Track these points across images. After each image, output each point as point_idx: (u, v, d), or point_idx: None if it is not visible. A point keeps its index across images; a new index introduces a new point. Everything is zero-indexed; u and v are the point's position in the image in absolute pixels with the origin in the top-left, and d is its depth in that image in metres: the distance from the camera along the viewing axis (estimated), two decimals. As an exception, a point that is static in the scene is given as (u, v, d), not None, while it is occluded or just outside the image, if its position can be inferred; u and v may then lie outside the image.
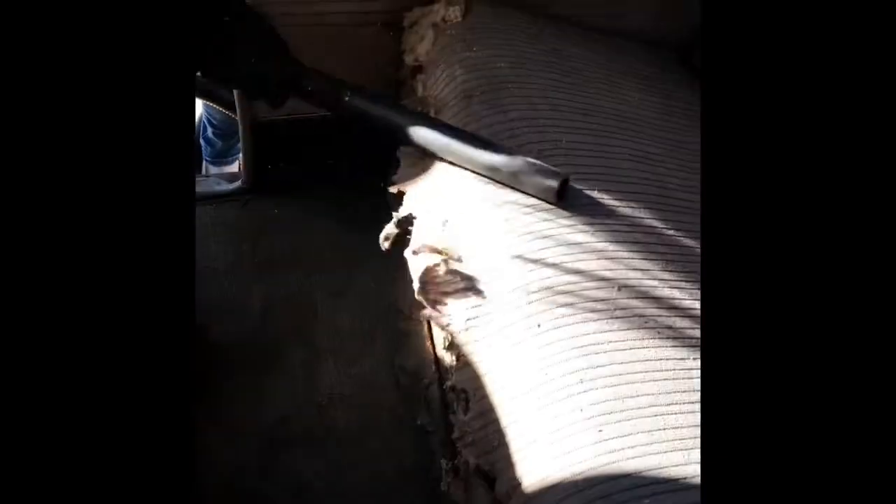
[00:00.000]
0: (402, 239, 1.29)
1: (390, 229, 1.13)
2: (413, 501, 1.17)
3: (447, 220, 1.15)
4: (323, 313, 1.35)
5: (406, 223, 1.18)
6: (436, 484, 1.17)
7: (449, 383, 1.17)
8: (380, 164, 1.40)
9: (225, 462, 1.18)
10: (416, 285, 0.97)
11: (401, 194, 1.31)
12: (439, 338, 1.24)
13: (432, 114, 1.19)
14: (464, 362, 0.91)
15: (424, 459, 1.20)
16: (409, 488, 1.18)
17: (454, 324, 0.94)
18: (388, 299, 1.37)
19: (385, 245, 1.15)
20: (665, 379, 0.85)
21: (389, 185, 1.33)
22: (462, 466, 1.08)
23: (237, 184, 1.46)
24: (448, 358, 1.16)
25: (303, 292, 1.37)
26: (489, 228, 0.99)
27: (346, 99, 1.13)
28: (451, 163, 1.08)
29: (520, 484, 0.78)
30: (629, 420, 0.81)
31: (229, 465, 1.17)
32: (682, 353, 0.89)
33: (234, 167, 1.91)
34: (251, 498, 1.15)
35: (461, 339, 0.93)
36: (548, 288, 0.92)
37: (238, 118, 1.37)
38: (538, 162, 1.02)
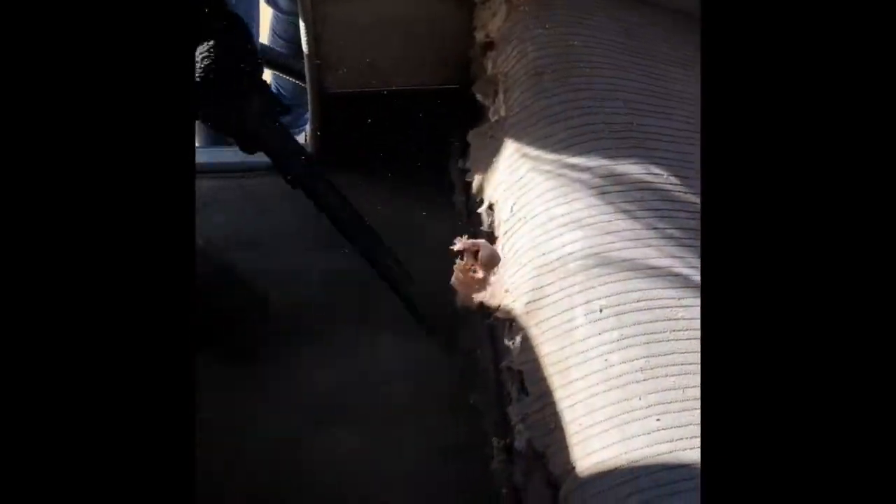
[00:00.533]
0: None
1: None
2: (463, 480, 1.17)
3: (513, 206, 1.14)
4: (381, 287, 1.35)
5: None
6: (487, 463, 1.17)
7: (505, 364, 1.16)
8: (446, 143, 1.40)
9: (273, 431, 1.20)
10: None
11: (467, 175, 1.31)
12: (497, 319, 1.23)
13: (500, 91, 1.18)
14: (523, 344, 0.90)
15: (476, 439, 1.20)
16: (459, 467, 1.18)
17: (516, 306, 0.93)
18: (446, 277, 1.37)
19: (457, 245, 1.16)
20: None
21: (458, 166, 1.32)
22: (516, 447, 1.07)
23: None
24: (506, 339, 1.16)
25: (363, 265, 1.37)
26: (553, 216, 0.98)
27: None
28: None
29: (574, 468, 0.77)
30: (688, 410, 0.79)
31: (278, 434, 1.19)
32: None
33: (300, 138, 1.93)
34: (297, 469, 1.17)
35: (522, 321, 0.92)
36: (610, 274, 0.90)
37: (307, 88, 1.38)
38: None
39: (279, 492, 1.14)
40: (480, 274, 1.13)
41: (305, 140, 1.52)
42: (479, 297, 1.15)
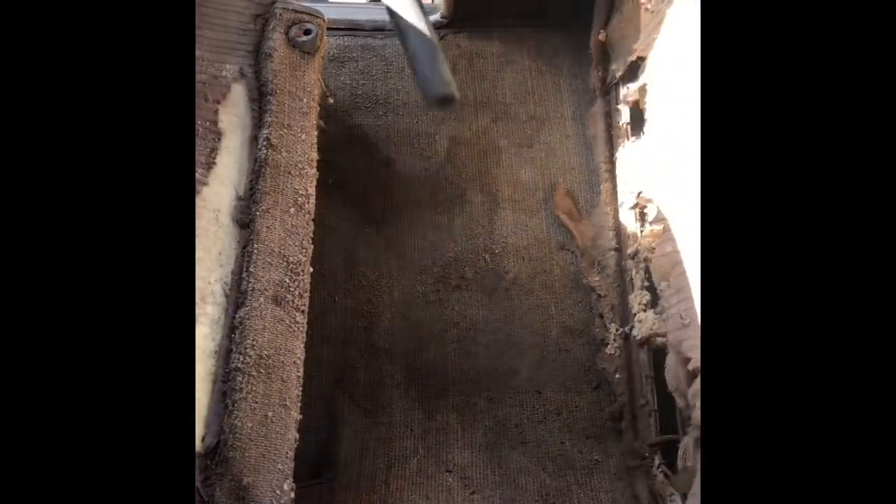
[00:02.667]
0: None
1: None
2: (574, 357, 1.20)
3: (645, 84, 1.09)
4: (506, 162, 1.34)
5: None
6: (599, 345, 1.20)
7: (630, 251, 1.16)
8: (590, 9, 1.32)
9: (400, 288, 1.24)
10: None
11: (603, 44, 1.25)
12: (623, 207, 1.22)
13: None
14: (665, 238, 0.88)
15: (590, 319, 1.22)
16: (571, 343, 1.21)
17: (659, 200, 0.91)
18: (574, 158, 1.34)
19: None
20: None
21: (598, 34, 1.26)
22: (634, 335, 1.09)
23: (436, 16, 1.42)
24: (634, 226, 1.14)
25: (489, 138, 1.36)
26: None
27: None
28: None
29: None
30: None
31: (403, 291, 1.24)
32: None
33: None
34: (417, 325, 1.22)
35: (664, 212, 0.90)
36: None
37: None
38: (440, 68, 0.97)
39: (416, 340, 1.21)
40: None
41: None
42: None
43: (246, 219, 0.95)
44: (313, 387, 1.16)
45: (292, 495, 0.86)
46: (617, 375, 1.15)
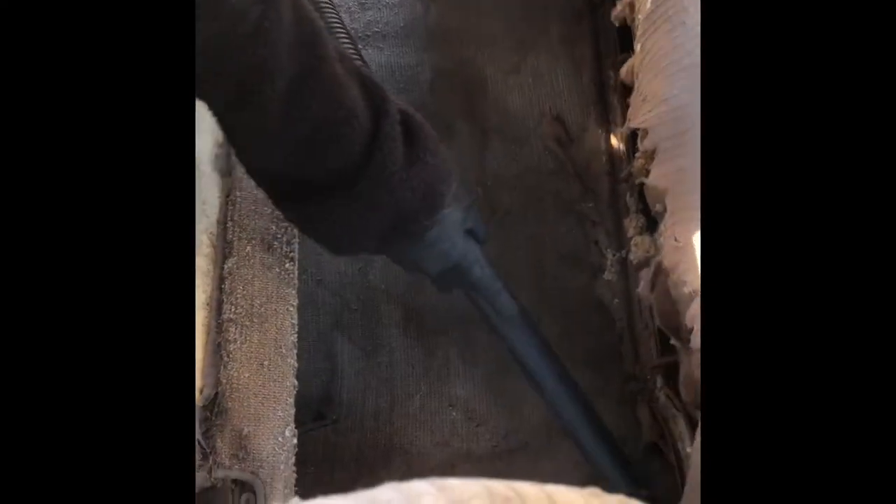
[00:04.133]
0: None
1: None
2: (571, 286, 1.19)
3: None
4: (493, 90, 1.30)
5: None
6: (596, 271, 1.19)
7: (623, 174, 1.13)
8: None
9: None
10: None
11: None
12: (615, 130, 1.19)
13: None
14: (658, 160, 0.86)
15: (585, 247, 1.21)
16: (567, 272, 1.20)
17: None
18: (562, 81, 1.30)
19: None
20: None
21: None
22: (631, 259, 1.07)
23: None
24: (627, 149, 1.12)
25: (474, 66, 1.32)
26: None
27: None
28: None
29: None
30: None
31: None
32: None
33: None
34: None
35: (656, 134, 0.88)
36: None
37: None
38: None
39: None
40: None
41: None
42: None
43: (227, 167, 0.93)
44: (311, 332, 1.16)
45: (294, 441, 0.87)
46: (615, 301, 1.14)
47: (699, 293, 0.76)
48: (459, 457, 1.06)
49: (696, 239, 0.77)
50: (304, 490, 1.04)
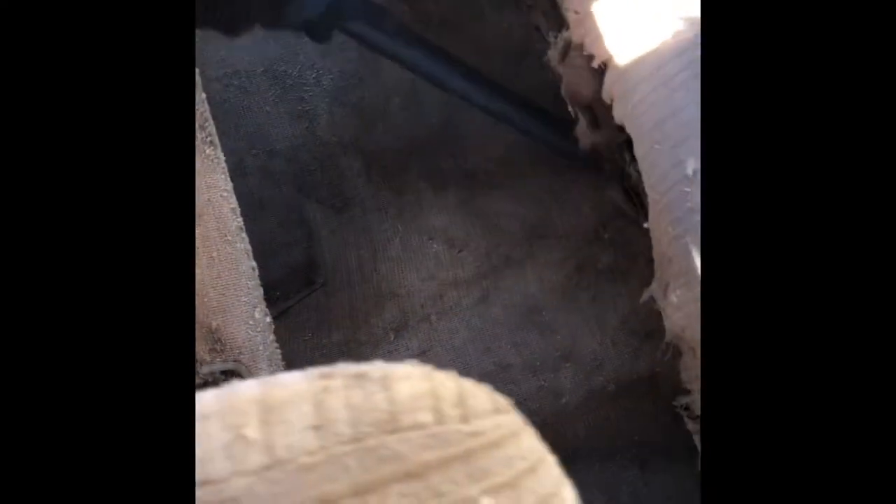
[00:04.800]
0: None
1: None
2: (526, 81, 1.12)
3: None
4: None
5: None
6: (541, 57, 1.10)
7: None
8: None
9: (327, 75, 1.16)
10: None
11: None
12: None
13: None
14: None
15: (528, 37, 1.12)
16: (518, 67, 1.12)
17: None
18: None
19: None
20: None
21: None
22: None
23: None
24: None
25: None
26: None
27: None
28: None
29: (613, 56, 0.69)
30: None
31: (332, 77, 1.16)
32: None
33: None
34: (357, 106, 1.15)
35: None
36: None
37: None
38: None
39: (361, 121, 1.15)
40: None
41: None
42: None
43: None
44: (278, 204, 1.14)
45: (268, 320, 0.87)
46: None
47: (609, 66, 0.69)
48: (447, 286, 1.06)
49: (596, 8, 0.68)
50: (305, 358, 1.08)
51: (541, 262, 1.04)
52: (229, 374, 0.88)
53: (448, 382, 0.29)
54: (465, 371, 1.05)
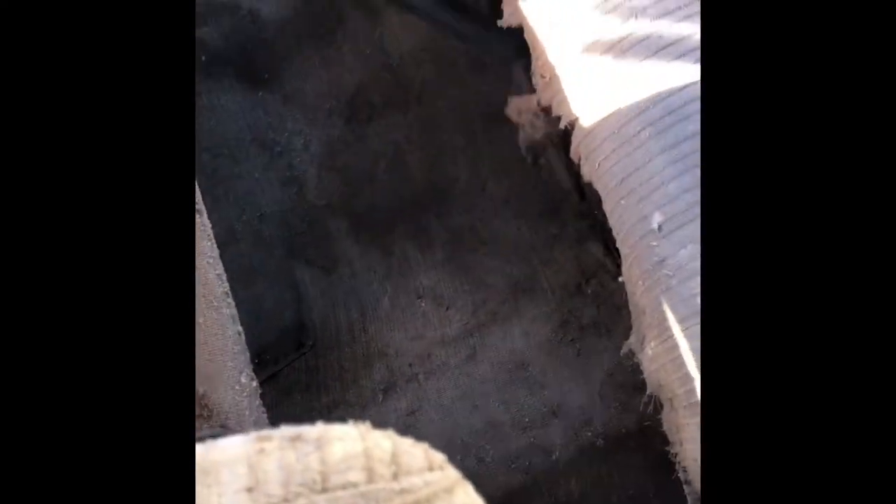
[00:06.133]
0: None
1: None
2: (504, 137, 1.15)
3: None
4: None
5: None
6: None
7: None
8: None
9: (314, 140, 1.19)
10: None
11: None
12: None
13: None
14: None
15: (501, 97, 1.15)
16: (496, 126, 1.15)
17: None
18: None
19: None
20: None
21: None
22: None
23: None
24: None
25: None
26: None
27: None
28: None
29: (578, 117, 0.72)
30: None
31: (320, 142, 1.19)
32: None
33: None
34: (345, 170, 1.18)
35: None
36: None
37: None
38: None
39: (349, 185, 1.18)
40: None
41: None
42: None
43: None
44: (268, 267, 1.16)
45: (255, 384, 0.88)
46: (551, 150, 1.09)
47: (575, 127, 0.72)
48: (434, 344, 1.07)
49: (562, 73, 0.71)
50: (293, 421, 1.08)
51: (527, 317, 1.04)
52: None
53: (383, 442, 0.29)
54: (454, 430, 1.05)
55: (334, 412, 1.03)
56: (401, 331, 1.09)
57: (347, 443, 0.28)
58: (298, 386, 1.07)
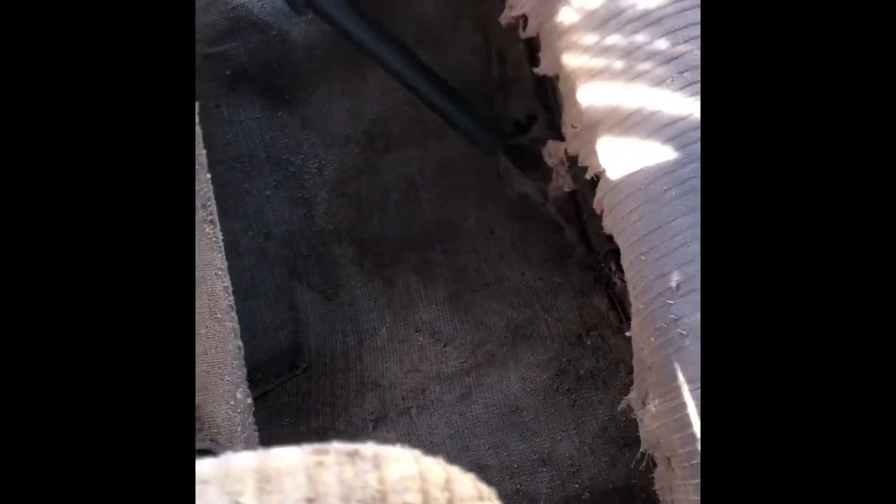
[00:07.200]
0: None
1: None
2: (511, 195, 1.16)
3: None
4: (404, 3, 1.24)
5: None
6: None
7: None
8: None
9: (329, 165, 1.20)
10: None
11: None
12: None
13: None
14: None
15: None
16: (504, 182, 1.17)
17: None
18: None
19: None
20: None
21: None
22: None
23: None
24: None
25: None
26: None
27: None
28: None
29: (605, 170, 0.73)
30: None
31: (333, 168, 1.20)
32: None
33: None
34: (356, 197, 1.18)
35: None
36: None
37: None
38: None
39: (359, 212, 1.18)
40: None
41: None
42: None
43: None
44: (269, 286, 1.15)
45: (249, 401, 0.87)
46: (559, 197, 1.10)
47: (602, 179, 0.73)
48: (430, 380, 1.06)
49: (592, 124, 0.73)
50: (281, 444, 1.06)
51: (524, 362, 1.05)
52: (203, 454, 0.86)
53: (435, 467, 0.30)
54: (442, 468, 1.04)
55: (322, 438, 1.01)
56: (396, 363, 1.09)
57: (403, 464, 0.28)
58: (288, 408, 1.06)
